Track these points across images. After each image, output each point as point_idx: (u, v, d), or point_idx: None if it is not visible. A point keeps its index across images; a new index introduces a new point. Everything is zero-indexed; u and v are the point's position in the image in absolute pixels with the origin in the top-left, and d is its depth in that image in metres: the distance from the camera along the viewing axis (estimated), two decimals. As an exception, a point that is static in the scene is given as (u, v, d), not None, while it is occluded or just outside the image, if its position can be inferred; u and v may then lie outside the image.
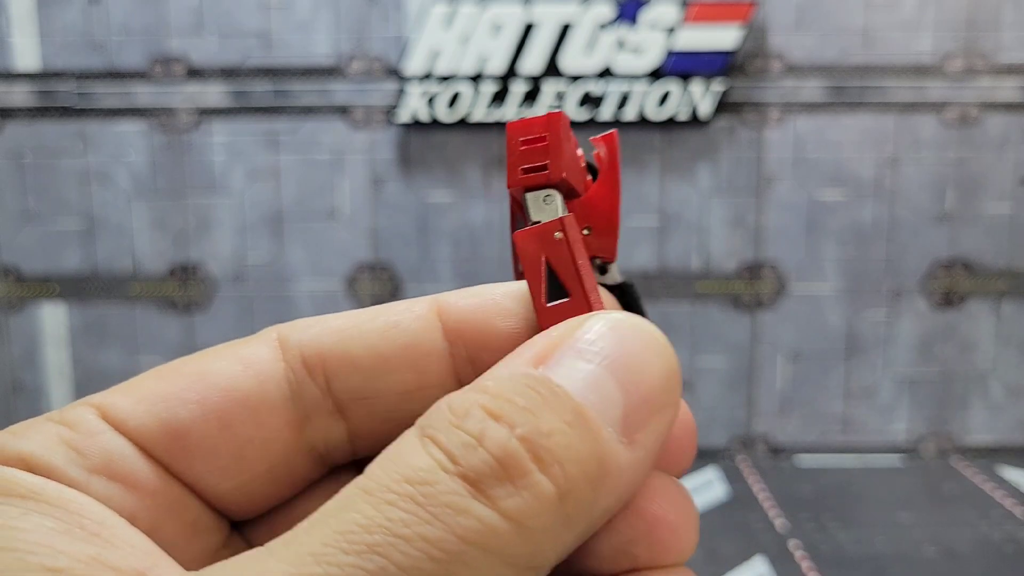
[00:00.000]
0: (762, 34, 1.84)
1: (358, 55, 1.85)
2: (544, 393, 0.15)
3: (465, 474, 0.14)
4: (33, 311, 1.95)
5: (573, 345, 0.16)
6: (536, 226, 0.19)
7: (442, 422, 0.15)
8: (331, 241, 1.91)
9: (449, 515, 0.13)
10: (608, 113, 1.81)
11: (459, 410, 0.15)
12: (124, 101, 1.87)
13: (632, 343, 0.16)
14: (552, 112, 0.20)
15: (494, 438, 0.14)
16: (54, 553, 0.14)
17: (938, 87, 1.87)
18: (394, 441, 0.15)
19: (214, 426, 0.17)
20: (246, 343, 0.19)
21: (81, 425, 0.17)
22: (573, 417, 0.15)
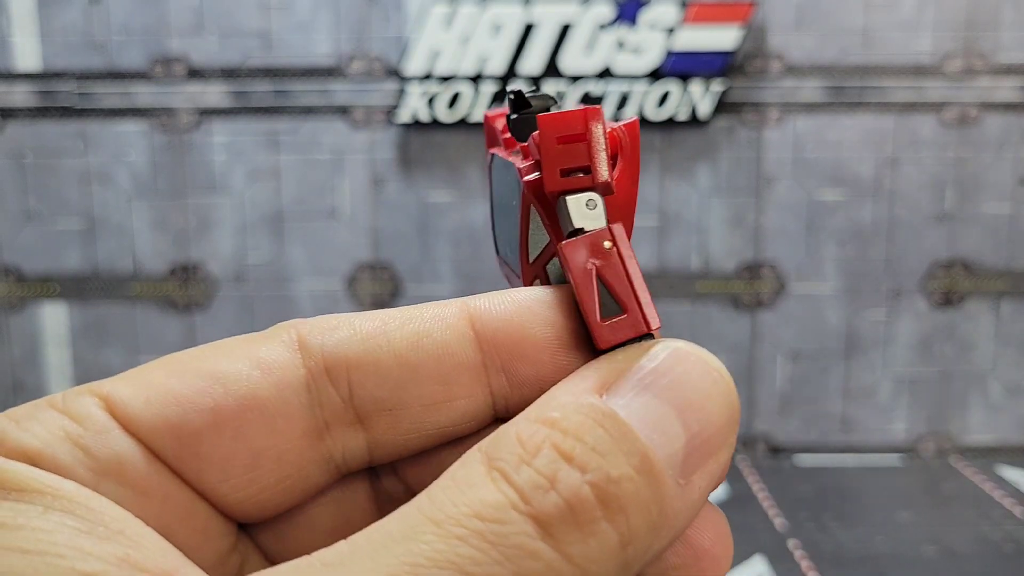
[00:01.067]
0: (761, 34, 1.84)
1: (358, 55, 1.86)
2: (613, 433, 0.15)
3: (537, 516, 0.14)
4: (34, 311, 1.95)
5: (638, 376, 0.16)
6: (586, 235, 0.18)
7: (512, 456, 0.14)
8: (331, 241, 1.91)
9: (519, 557, 0.13)
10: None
11: (530, 446, 0.14)
12: (125, 101, 1.88)
13: (698, 379, 0.16)
14: (589, 107, 0.19)
15: (566, 482, 0.14)
16: (83, 555, 0.13)
17: (937, 87, 1.88)
18: (456, 464, 0.15)
19: (228, 436, 0.16)
20: (263, 342, 0.17)
21: (87, 420, 0.16)
22: (640, 463, 0.15)
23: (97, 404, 0.16)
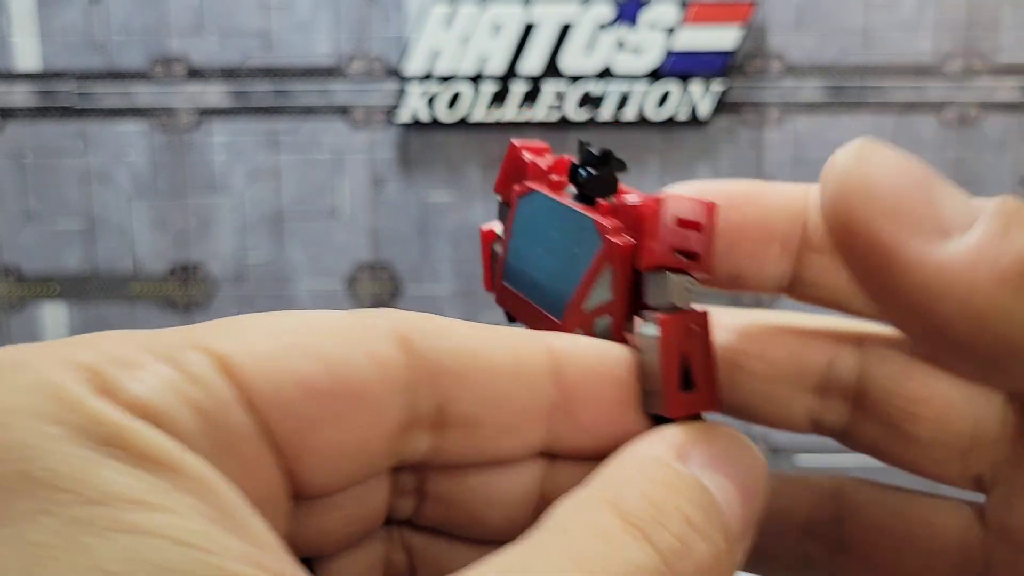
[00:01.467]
0: (761, 34, 1.85)
1: (358, 55, 1.86)
2: (708, 509, 0.16)
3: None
4: (33, 311, 1.95)
5: (710, 453, 0.17)
6: (686, 314, 0.20)
7: (645, 514, 0.15)
8: (331, 241, 1.92)
9: None
10: (608, 113, 1.81)
11: (662, 508, 0.15)
12: (125, 101, 1.88)
13: (751, 464, 0.17)
14: (711, 202, 0.20)
15: (697, 551, 0.15)
16: (225, 551, 0.11)
17: (937, 87, 1.88)
18: (574, 505, 0.15)
19: (338, 425, 0.16)
20: (372, 331, 0.17)
21: (207, 384, 0.14)
22: (725, 541, 0.16)
23: (213, 367, 0.14)
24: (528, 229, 0.24)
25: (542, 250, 0.23)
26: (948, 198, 0.16)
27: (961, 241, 0.15)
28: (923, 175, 0.16)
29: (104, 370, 0.13)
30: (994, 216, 0.15)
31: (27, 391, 0.12)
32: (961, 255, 0.15)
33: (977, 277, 0.15)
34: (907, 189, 0.16)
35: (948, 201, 0.16)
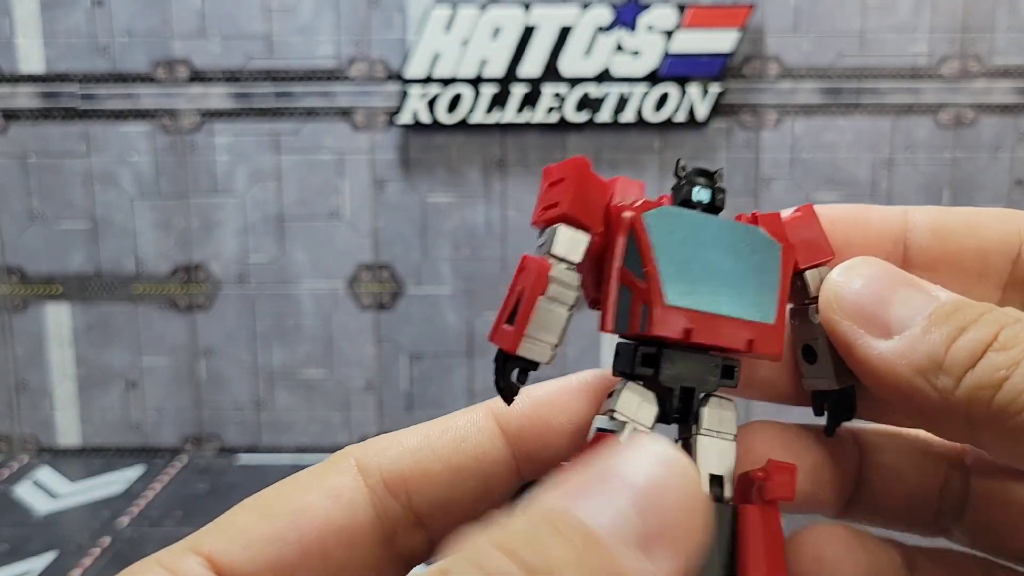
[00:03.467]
0: (759, 37, 1.86)
1: (360, 58, 1.87)
2: (560, 527, 0.16)
3: None
4: (37, 311, 1.96)
5: (602, 478, 0.17)
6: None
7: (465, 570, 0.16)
8: (333, 242, 1.92)
9: None
10: (607, 115, 1.82)
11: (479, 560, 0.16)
12: (128, 103, 1.89)
13: (659, 474, 0.18)
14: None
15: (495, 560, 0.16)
16: None
17: (933, 89, 1.89)
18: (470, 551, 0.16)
19: (315, 560, 0.19)
20: (330, 472, 0.20)
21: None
22: (583, 541, 0.16)
23: (201, 563, 0.18)
24: (676, 246, 0.23)
25: (716, 265, 0.23)
26: (900, 304, 0.21)
27: (895, 340, 0.21)
28: (887, 286, 0.22)
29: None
30: (924, 319, 0.21)
31: None
32: (892, 351, 0.21)
33: (900, 367, 0.20)
34: (867, 298, 0.22)
35: (899, 307, 0.21)
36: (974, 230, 0.24)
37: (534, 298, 0.22)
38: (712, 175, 0.24)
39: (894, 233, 0.24)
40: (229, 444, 2.00)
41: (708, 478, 0.23)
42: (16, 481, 1.89)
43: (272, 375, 1.98)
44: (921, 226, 0.24)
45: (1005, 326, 0.20)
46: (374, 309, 1.95)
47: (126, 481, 1.89)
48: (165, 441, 2.01)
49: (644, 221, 0.23)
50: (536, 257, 0.23)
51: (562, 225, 0.23)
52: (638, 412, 0.22)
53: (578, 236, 0.23)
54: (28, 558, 1.59)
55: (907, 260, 0.24)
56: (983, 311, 0.20)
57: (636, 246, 0.23)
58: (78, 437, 2.01)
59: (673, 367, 0.23)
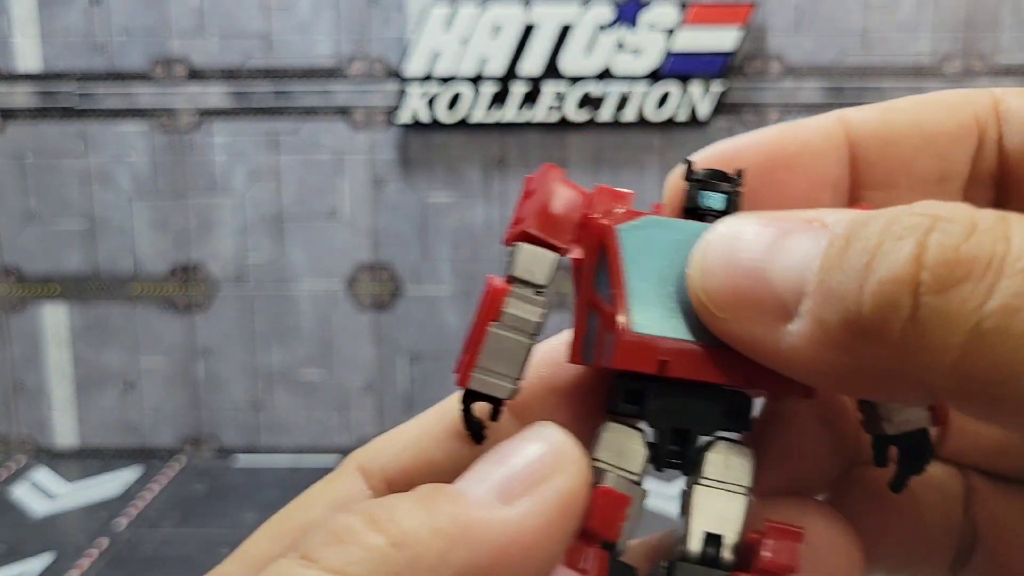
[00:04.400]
0: (761, 35, 1.85)
1: (359, 56, 1.86)
2: (421, 492, 0.16)
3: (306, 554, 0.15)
4: (34, 311, 1.95)
5: (486, 458, 0.17)
6: None
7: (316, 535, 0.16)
8: (332, 241, 1.92)
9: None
10: (608, 114, 1.81)
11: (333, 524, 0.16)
12: (125, 102, 1.88)
13: (518, 437, 0.17)
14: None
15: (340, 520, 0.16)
16: None
17: (936, 88, 1.87)
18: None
19: None
20: (333, 483, 0.20)
21: None
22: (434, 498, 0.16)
23: None
24: (656, 263, 0.20)
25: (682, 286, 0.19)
26: (782, 266, 0.16)
27: (796, 322, 0.16)
28: (757, 249, 0.16)
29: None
30: (817, 273, 0.15)
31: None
32: (798, 338, 0.16)
33: (818, 356, 0.15)
34: (740, 279, 0.17)
35: (783, 271, 0.16)
36: (923, 127, 0.19)
37: (483, 326, 0.19)
38: (729, 178, 0.20)
39: (836, 149, 0.19)
40: (227, 445, 1.99)
41: (702, 536, 0.19)
42: (13, 482, 1.88)
43: (271, 376, 1.97)
44: (865, 133, 0.19)
45: (926, 242, 0.14)
46: (373, 309, 1.94)
47: (124, 482, 1.89)
48: (163, 442, 2.00)
49: (617, 234, 0.20)
50: (496, 280, 0.20)
51: (523, 244, 0.20)
52: (621, 457, 0.19)
53: (542, 255, 0.20)
54: (25, 559, 1.58)
55: (857, 181, 0.19)
56: (884, 225, 0.14)
57: (606, 266, 0.20)
58: (76, 438, 2.00)
59: (661, 404, 0.19)
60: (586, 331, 0.20)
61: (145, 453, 2.00)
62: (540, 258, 0.20)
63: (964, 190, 0.19)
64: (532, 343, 0.20)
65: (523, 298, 0.20)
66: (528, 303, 0.20)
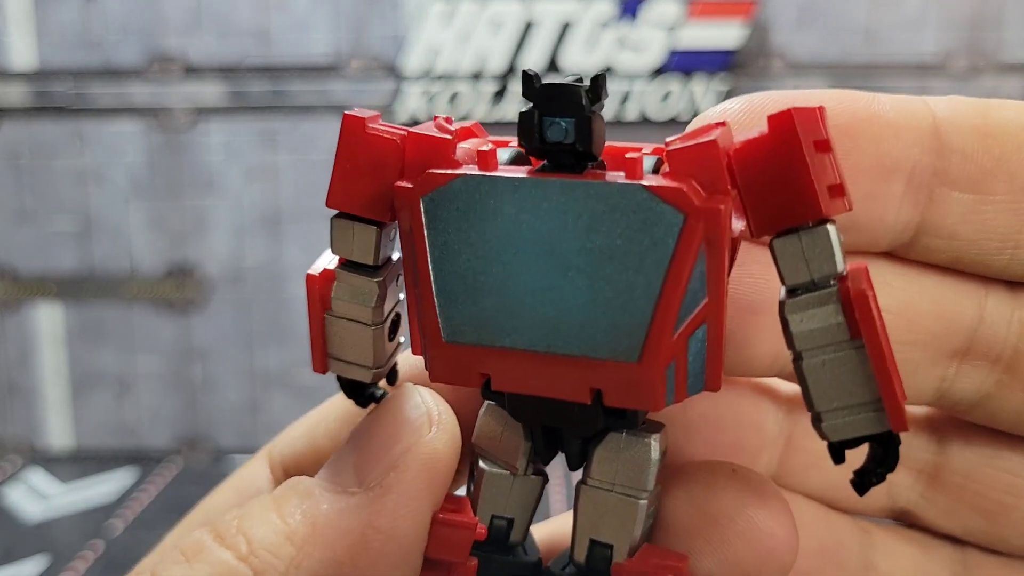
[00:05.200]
0: (764, 32, 1.83)
1: (356, 54, 1.85)
2: (277, 494, 0.17)
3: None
4: (29, 311, 1.94)
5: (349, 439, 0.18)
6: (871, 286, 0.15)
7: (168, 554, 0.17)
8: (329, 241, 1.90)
9: None
10: (610, 112, 1.80)
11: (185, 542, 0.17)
12: (121, 100, 1.87)
13: (380, 408, 0.17)
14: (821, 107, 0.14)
15: (192, 537, 0.16)
16: None
17: (941, 85, 1.87)
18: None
19: None
20: (245, 468, 0.21)
21: None
22: (284, 490, 0.16)
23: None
24: (471, 243, 0.16)
25: (527, 270, 0.15)
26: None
27: None
28: None
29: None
30: None
31: None
32: None
33: None
34: None
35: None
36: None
37: (317, 319, 0.16)
38: (577, 92, 0.14)
39: (921, 134, 0.16)
40: (224, 447, 1.98)
41: (588, 543, 0.16)
42: (7, 484, 1.87)
43: (267, 377, 1.96)
44: (960, 122, 0.16)
45: None
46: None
47: (119, 484, 1.87)
48: (159, 444, 1.99)
49: (420, 209, 0.16)
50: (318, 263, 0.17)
51: (336, 218, 0.17)
52: (498, 445, 0.16)
53: (360, 232, 0.17)
54: (19, 562, 1.57)
55: (943, 173, 0.16)
56: None
57: (412, 248, 0.15)
58: (70, 439, 1.99)
59: (522, 402, 0.16)
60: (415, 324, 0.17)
61: (141, 455, 1.99)
62: (358, 235, 0.17)
63: None
64: (376, 328, 0.17)
65: (350, 283, 0.17)
66: (357, 288, 0.17)
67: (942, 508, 0.19)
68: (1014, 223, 0.15)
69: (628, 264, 0.14)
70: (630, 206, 0.14)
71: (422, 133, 0.16)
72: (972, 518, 0.19)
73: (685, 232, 0.13)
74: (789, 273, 0.14)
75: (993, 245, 0.16)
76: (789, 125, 0.13)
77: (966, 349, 0.17)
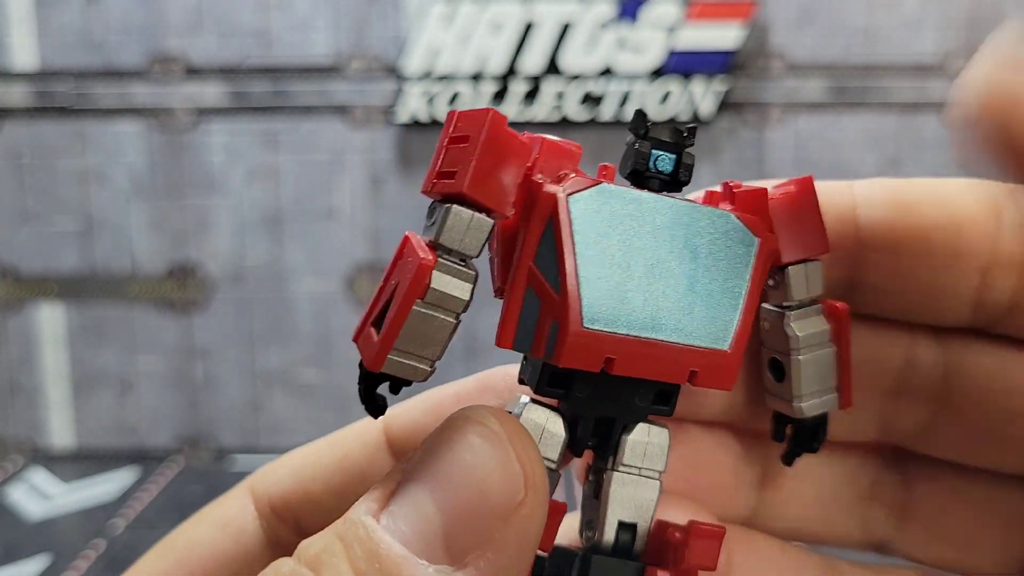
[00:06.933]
0: (763, 33, 1.84)
1: (357, 54, 1.85)
2: (351, 542, 0.14)
3: None
4: (31, 311, 1.95)
5: (409, 465, 0.15)
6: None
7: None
8: (330, 241, 1.91)
9: None
10: (609, 113, 1.80)
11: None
12: (122, 101, 1.87)
13: (459, 449, 0.14)
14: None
15: None
16: None
17: (940, 87, 1.87)
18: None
19: None
20: (225, 501, 0.20)
21: None
22: (368, 559, 0.14)
23: None
24: (607, 244, 0.18)
25: (644, 270, 0.17)
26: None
27: None
28: None
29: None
30: None
31: None
32: None
33: None
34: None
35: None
36: (943, 200, 0.20)
37: (409, 304, 0.16)
38: (681, 134, 0.19)
39: (839, 209, 0.20)
40: (225, 446, 1.99)
41: (616, 525, 0.18)
42: (9, 483, 1.87)
43: (269, 376, 1.96)
44: (873, 199, 0.20)
45: None
46: (372, 310, 1.93)
47: (121, 483, 1.88)
48: (160, 443, 1.99)
49: (568, 207, 0.17)
50: (420, 243, 0.17)
51: (456, 206, 0.17)
52: (539, 442, 0.17)
53: (478, 221, 0.17)
54: (21, 561, 1.57)
55: (860, 240, 0.20)
56: None
57: (553, 241, 0.17)
58: (72, 439, 1.99)
59: (589, 392, 0.17)
60: (521, 312, 0.18)
61: (142, 454, 1.99)
62: (475, 226, 0.18)
63: (982, 272, 0.20)
64: (457, 323, 0.17)
65: (451, 271, 0.17)
66: (456, 277, 0.17)
67: (917, 540, 0.21)
68: (931, 279, 0.18)
69: (721, 270, 0.18)
70: (723, 227, 0.18)
71: (555, 140, 0.19)
72: (945, 550, 0.20)
73: (759, 250, 0.18)
74: (797, 292, 0.18)
75: (915, 298, 0.19)
76: (811, 185, 0.19)
77: (899, 389, 0.20)
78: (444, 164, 0.18)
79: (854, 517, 0.21)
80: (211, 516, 0.19)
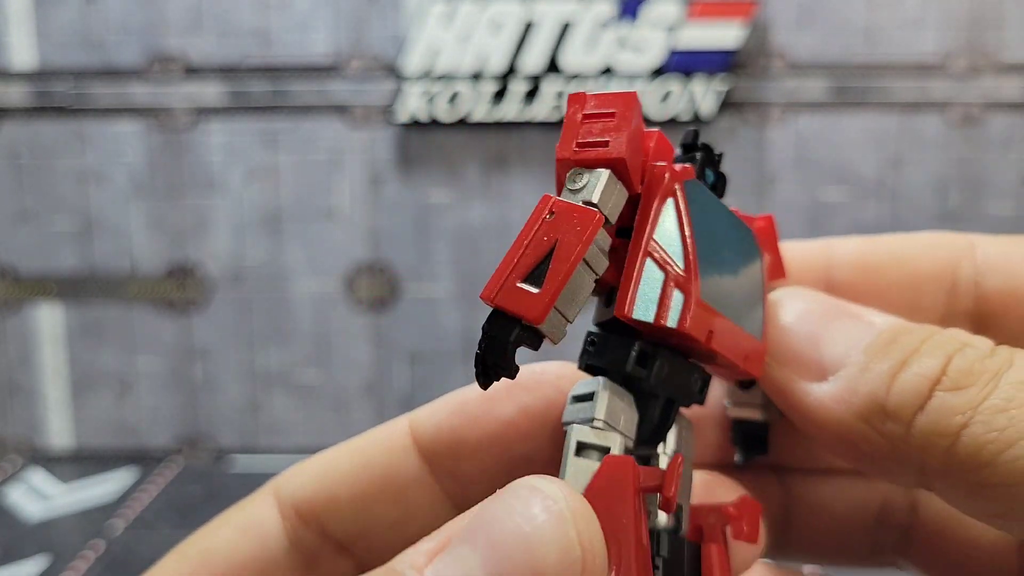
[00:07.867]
0: (764, 32, 1.83)
1: (357, 54, 1.85)
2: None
3: None
4: (30, 311, 1.94)
5: (465, 529, 0.14)
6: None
7: None
8: (329, 241, 1.90)
9: None
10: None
11: None
12: (121, 100, 1.87)
13: (514, 518, 0.14)
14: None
15: None
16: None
17: (941, 86, 1.86)
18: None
19: None
20: (248, 504, 0.20)
21: None
22: None
23: None
24: (705, 231, 0.19)
25: (719, 259, 0.19)
26: (833, 340, 0.19)
27: (831, 383, 0.18)
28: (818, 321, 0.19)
29: None
30: (861, 353, 0.18)
31: None
32: (829, 396, 0.18)
33: (841, 413, 0.18)
34: (797, 337, 0.19)
35: (832, 343, 0.19)
36: (902, 261, 0.22)
37: (580, 257, 0.16)
38: (720, 156, 0.21)
39: (815, 270, 0.22)
40: (225, 447, 1.98)
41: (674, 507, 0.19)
42: (7, 484, 1.87)
43: (268, 377, 1.96)
44: (844, 260, 0.22)
45: (953, 355, 0.17)
46: (371, 310, 1.93)
47: (120, 484, 1.87)
48: (159, 443, 1.99)
49: (686, 191, 0.19)
50: (575, 204, 0.17)
51: (609, 172, 0.18)
52: (619, 421, 0.18)
53: (621, 190, 0.18)
54: (20, 562, 1.57)
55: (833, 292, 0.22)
56: (924, 337, 0.18)
57: (677, 219, 0.18)
58: (71, 439, 1.99)
59: (666, 372, 0.18)
60: (641, 282, 0.18)
61: (141, 455, 1.99)
62: (620, 193, 0.18)
63: (940, 323, 0.21)
64: (597, 279, 0.17)
65: (600, 233, 0.17)
66: (602, 239, 0.18)
67: (924, 561, 0.22)
68: None
69: (749, 271, 0.20)
70: (752, 242, 0.20)
71: (663, 135, 0.21)
72: (951, 570, 0.21)
73: (764, 264, 0.20)
74: None
75: None
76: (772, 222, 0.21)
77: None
78: (589, 134, 0.19)
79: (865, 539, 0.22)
80: (234, 519, 0.20)
